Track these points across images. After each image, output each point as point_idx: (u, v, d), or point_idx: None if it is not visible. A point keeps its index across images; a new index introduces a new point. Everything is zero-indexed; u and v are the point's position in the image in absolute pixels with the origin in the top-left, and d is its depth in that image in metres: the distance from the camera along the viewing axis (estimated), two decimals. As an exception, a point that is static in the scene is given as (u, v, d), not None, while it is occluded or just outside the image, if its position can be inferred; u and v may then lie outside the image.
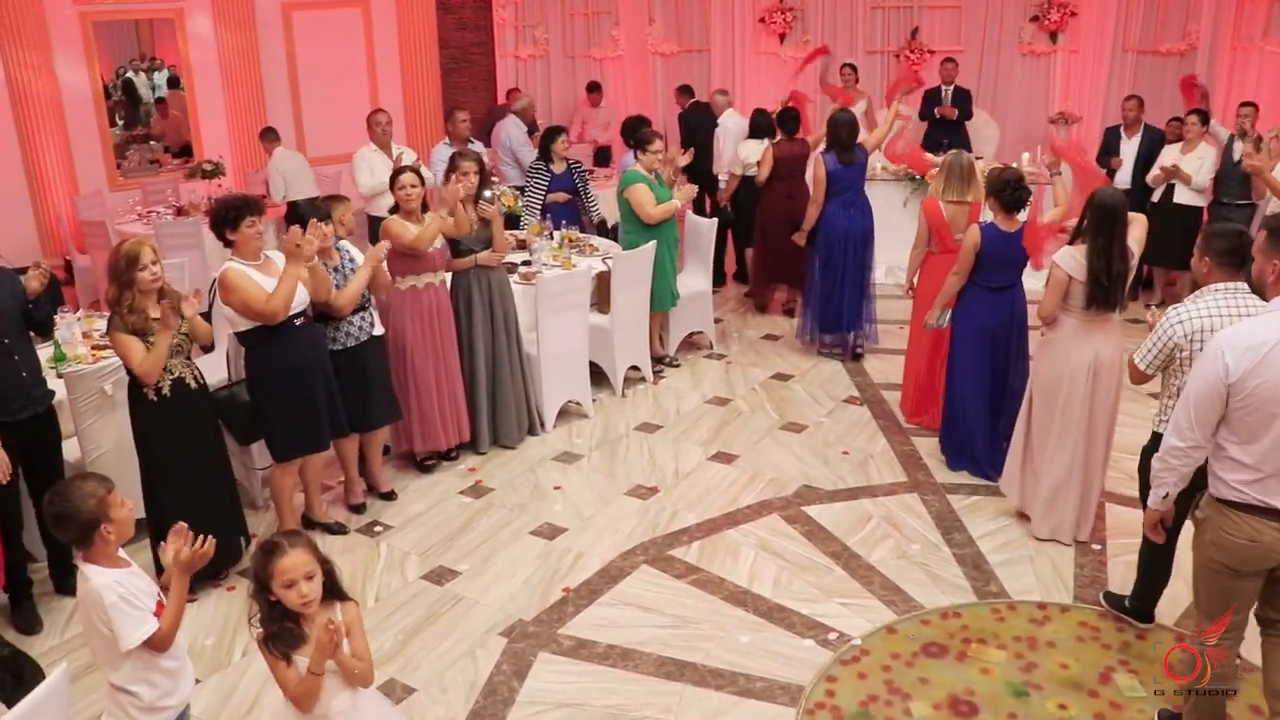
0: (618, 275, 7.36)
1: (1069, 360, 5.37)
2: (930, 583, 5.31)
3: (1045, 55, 12.99)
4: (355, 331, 5.85)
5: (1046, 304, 5.36)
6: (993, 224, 6.07)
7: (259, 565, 3.12)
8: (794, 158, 9.08)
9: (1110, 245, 5.12)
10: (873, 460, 6.63)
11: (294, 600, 3.09)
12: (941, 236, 6.81)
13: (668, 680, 4.59)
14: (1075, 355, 5.35)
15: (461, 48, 14.06)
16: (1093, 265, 5.15)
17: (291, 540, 3.13)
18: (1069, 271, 5.22)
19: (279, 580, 3.08)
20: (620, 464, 6.66)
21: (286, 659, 3.12)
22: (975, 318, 6.19)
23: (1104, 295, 5.18)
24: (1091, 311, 5.25)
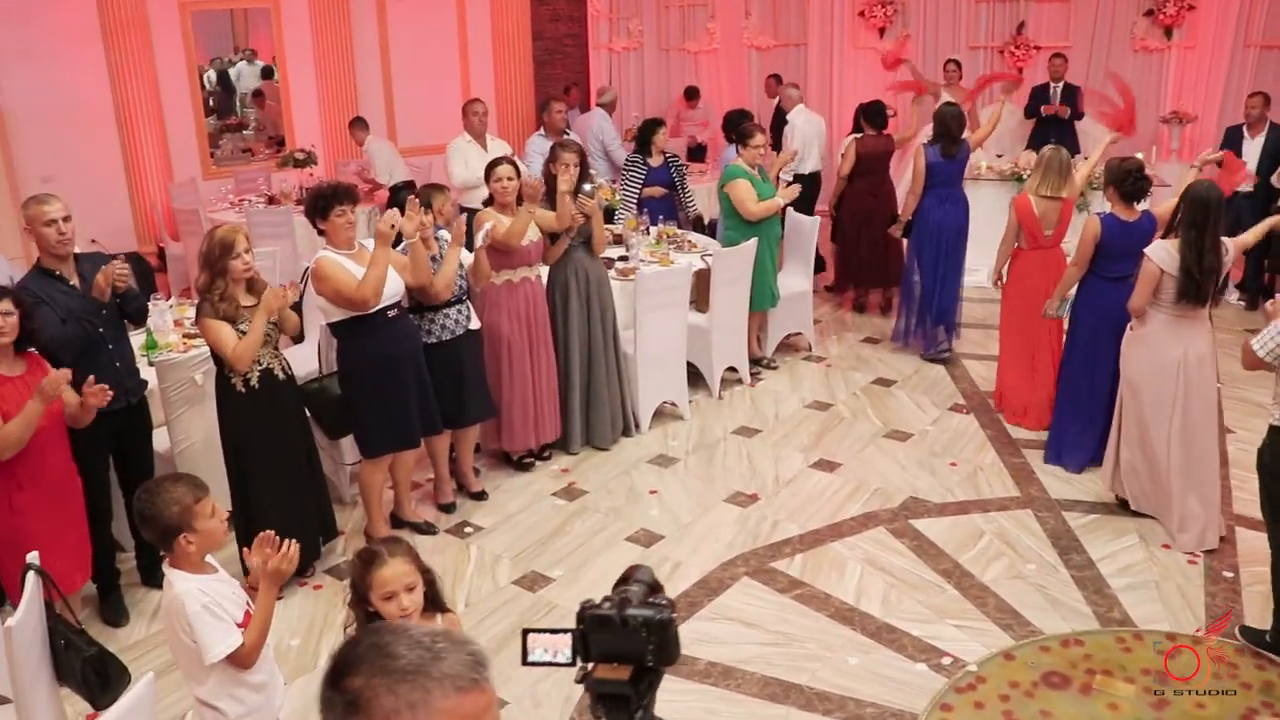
0: (717, 272, 7.12)
1: (1159, 356, 5.36)
2: (1049, 606, 4.99)
3: (1159, 51, 12.46)
4: (451, 325, 5.69)
5: (1137, 297, 5.35)
6: (1112, 214, 5.97)
7: (357, 574, 2.95)
8: (878, 153, 8.92)
9: (1202, 239, 5.11)
10: (982, 472, 6.32)
11: (393, 613, 2.91)
12: (1032, 233, 6.71)
13: (772, 702, 4.34)
14: (1165, 351, 5.34)
15: (555, 39, 13.91)
16: (1185, 258, 5.14)
17: (392, 549, 2.95)
18: (1160, 265, 5.21)
19: (378, 592, 2.90)
20: (718, 469, 6.42)
21: None
22: (1094, 308, 6.07)
23: (1195, 289, 5.16)
24: (1182, 306, 5.24)
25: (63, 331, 4.65)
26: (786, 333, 8.27)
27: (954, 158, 7.98)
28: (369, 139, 10.68)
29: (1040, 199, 6.67)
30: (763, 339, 8.09)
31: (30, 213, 4.75)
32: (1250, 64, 11.88)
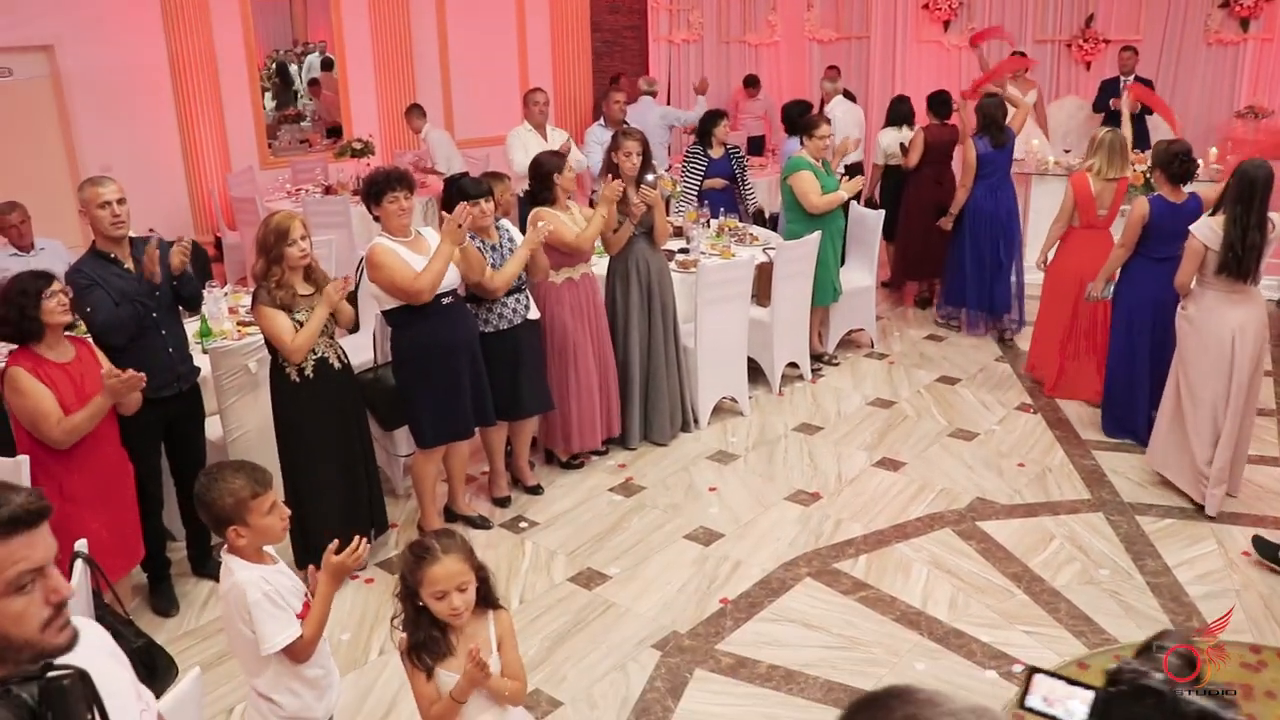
0: (780, 266, 6.96)
1: (1209, 332, 5.45)
2: (1123, 614, 4.79)
3: (1234, 44, 12.11)
4: (508, 314, 5.57)
5: (1182, 274, 5.50)
6: (1160, 196, 6.08)
7: (408, 568, 2.83)
8: (944, 143, 8.89)
9: (1248, 215, 5.21)
10: (1051, 474, 6.11)
11: (443, 611, 2.80)
12: (1086, 211, 6.86)
13: (836, 708, 4.16)
14: (1215, 327, 5.43)
15: (614, 30, 13.80)
16: (1229, 233, 5.24)
17: (445, 545, 2.83)
18: (1204, 241, 5.33)
19: (429, 589, 2.78)
20: (779, 466, 6.26)
21: (428, 671, 2.83)
22: (1140, 288, 6.22)
23: (1236, 264, 5.26)
24: (1228, 281, 5.33)
25: (115, 315, 4.60)
26: (849, 328, 8.09)
27: (1003, 147, 8.20)
28: (426, 127, 10.63)
29: (1099, 180, 6.80)
30: (824, 335, 7.92)
31: (85, 195, 4.70)
32: (1331, 56, 11.54)
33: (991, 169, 8.19)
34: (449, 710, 2.83)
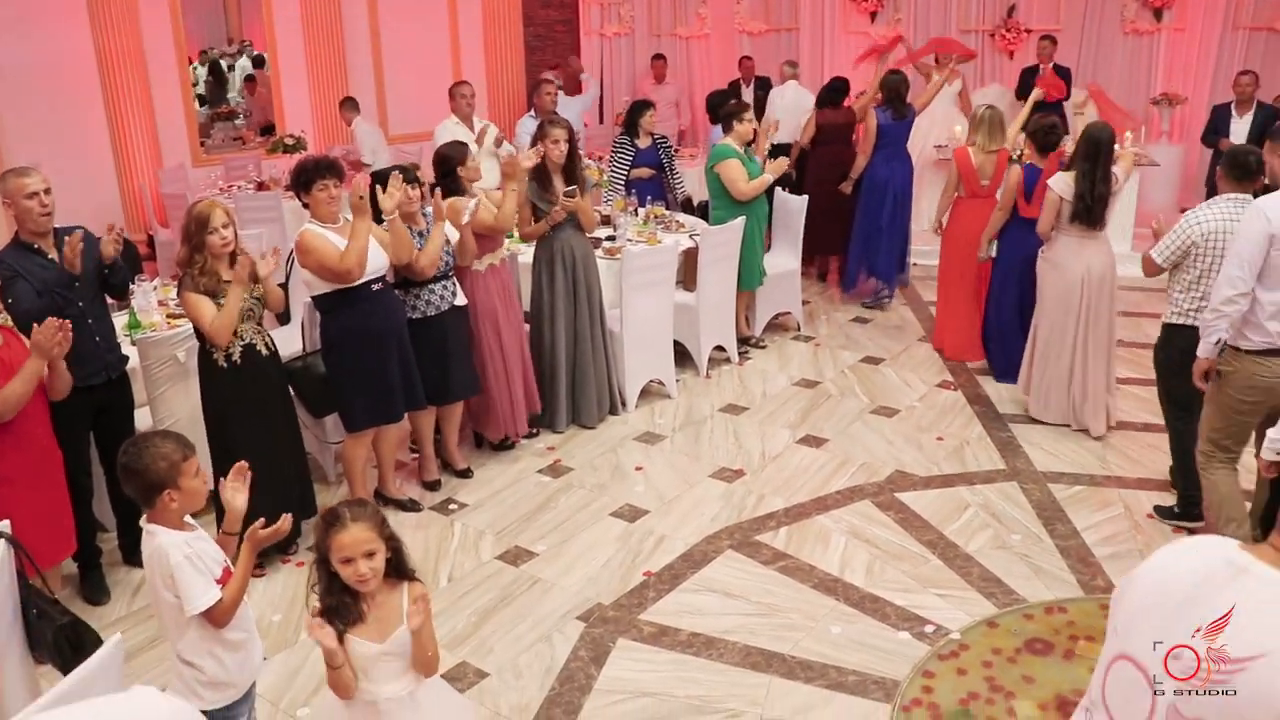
0: (705, 251, 7.10)
1: (1068, 272, 6.26)
2: (1033, 575, 4.98)
3: (1149, 34, 12.46)
4: (436, 300, 5.66)
5: (1043, 222, 6.30)
6: (1031, 165, 6.82)
7: (320, 534, 2.91)
8: (838, 125, 9.30)
9: (1095, 170, 6.02)
10: (969, 446, 6.31)
11: (350, 577, 2.88)
12: (970, 182, 7.44)
13: (754, 671, 4.32)
14: (1073, 268, 6.25)
15: (546, 25, 13.89)
16: (1079, 186, 6.06)
17: (354, 513, 2.90)
18: (1060, 193, 6.15)
19: (336, 555, 2.87)
20: (704, 446, 6.40)
21: (340, 637, 2.92)
22: (1017, 247, 6.89)
23: (1087, 212, 6.10)
24: (1082, 229, 6.16)
25: (38, 305, 4.61)
26: (775, 312, 8.26)
27: (903, 120, 8.88)
28: (357, 120, 10.68)
29: (979, 152, 7.39)
30: (751, 318, 8.07)
31: (9, 186, 4.70)
32: (1239, 45, 11.92)
33: (889, 140, 8.82)
34: (335, 680, 2.90)
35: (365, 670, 2.93)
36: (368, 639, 2.91)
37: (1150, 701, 1.87)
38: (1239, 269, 4.47)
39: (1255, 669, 1.73)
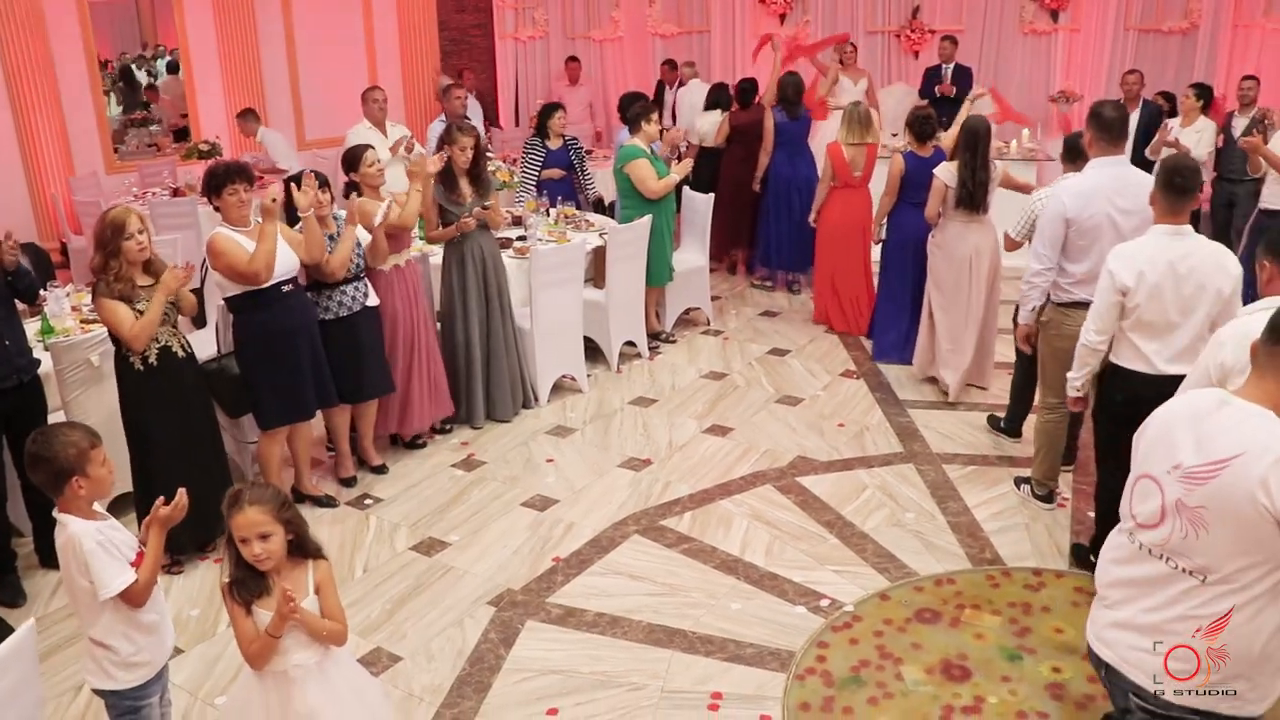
0: (613, 249, 7.30)
1: (956, 252, 6.84)
2: (925, 550, 5.25)
3: (1047, 34, 12.92)
4: (348, 301, 5.78)
5: (930, 207, 6.87)
6: (912, 152, 7.39)
7: (225, 513, 3.08)
8: (749, 124, 9.58)
9: (975, 159, 6.60)
10: (869, 432, 6.57)
11: (247, 556, 3.06)
12: (842, 173, 8.07)
13: (656, 647, 4.53)
14: (960, 248, 6.82)
15: (461, 29, 13.99)
16: (962, 174, 6.64)
17: (252, 495, 3.06)
18: (945, 181, 6.73)
19: (234, 534, 3.05)
20: (614, 437, 6.60)
21: (246, 607, 3.08)
22: (903, 229, 7.45)
23: (969, 198, 6.67)
24: (966, 213, 6.72)
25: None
26: (685, 307, 8.49)
27: (797, 119, 9.35)
28: (262, 130, 10.71)
29: (849, 146, 8.01)
30: (661, 314, 8.29)
31: None
32: (1130, 45, 12.42)
33: (788, 138, 9.31)
34: (267, 646, 3.07)
35: None
36: (273, 611, 3.07)
37: (1160, 499, 2.84)
38: (1043, 247, 5.19)
39: (1235, 464, 2.66)
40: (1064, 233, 5.14)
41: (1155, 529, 2.87)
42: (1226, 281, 4.34)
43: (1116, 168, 5.18)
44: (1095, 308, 4.56)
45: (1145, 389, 4.31)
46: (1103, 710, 4.12)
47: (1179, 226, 4.38)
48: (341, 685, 3.23)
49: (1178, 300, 4.37)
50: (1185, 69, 12.09)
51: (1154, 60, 12.31)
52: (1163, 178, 4.40)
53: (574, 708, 4.17)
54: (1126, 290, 4.40)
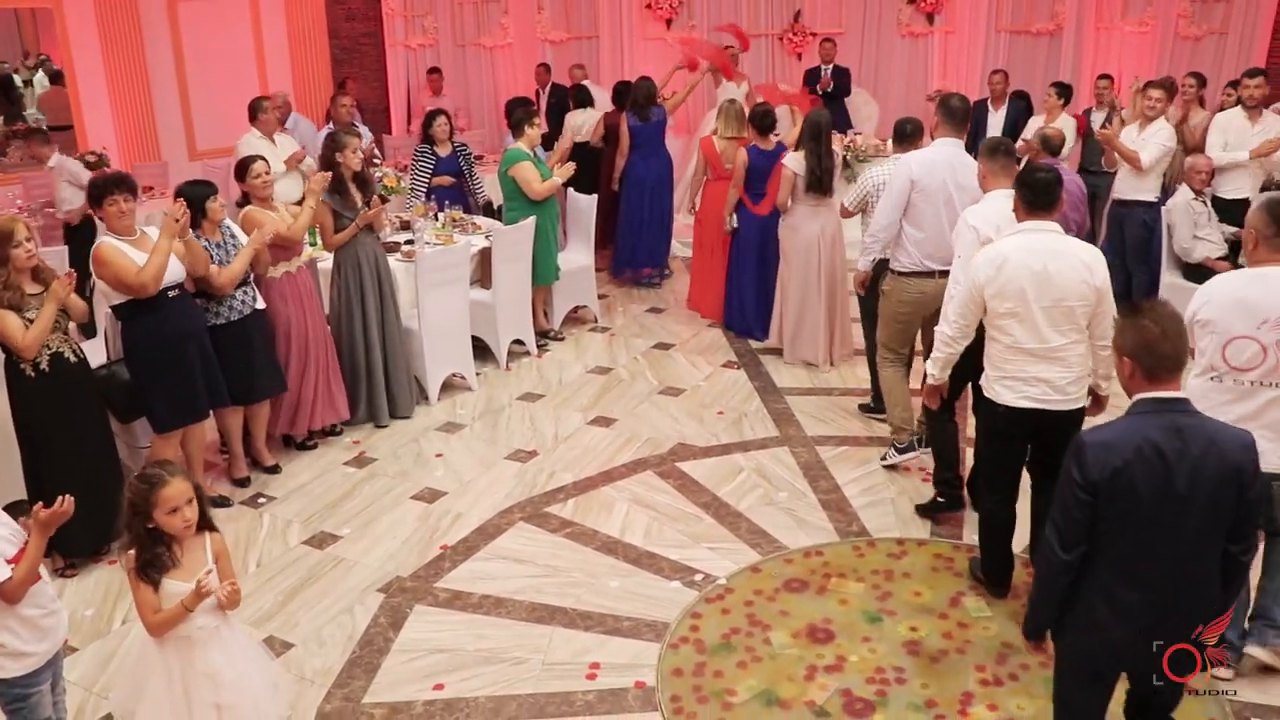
0: (498, 250, 7.52)
1: (805, 234, 7.55)
2: (795, 526, 5.56)
3: (923, 36, 13.42)
4: (238, 305, 5.91)
5: (780, 195, 7.55)
6: (755, 146, 8.04)
7: (140, 495, 3.30)
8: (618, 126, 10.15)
9: (819, 148, 7.30)
10: (746, 418, 6.88)
11: (178, 525, 3.31)
12: (715, 166, 8.54)
13: (539, 624, 4.77)
14: (809, 231, 7.54)
15: (351, 38, 14.05)
16: (809, 162, 7.32)
17: (170, 470, 3.34)
18: (794, 170, 7.42)
19: (164, 507, 3.28)
20: (501, 431, 6.82)
21: (155, 584, 3.29)
22: (750, 220, 8.14)
23: (818, 183, 7.37)
24: (814, 198, 7.44)
25: None
26: (572, 306, 8.74)
27: (649, 121, 9.80)
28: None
29: (721, 140, 8.49)
30: (549, 313, 8.52)
31: None
32: (1003, 47, 12.95)
33: (642, 140, 9.79)
34: (178, 617, 3.33)
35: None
36: (181, 580, 3.33)
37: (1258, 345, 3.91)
38: (889, 206, 5.88)
39: None
40: (909, 193, 5.78)
41: (1259, 368, 3.92)
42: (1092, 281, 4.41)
43: (955, 149, 5.86)
44: (956, 303, 4.68)
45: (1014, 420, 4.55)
46: (954, 664, 4.49)
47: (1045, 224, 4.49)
48: (236, 647, 3.53)
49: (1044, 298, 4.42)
50: (1053, 68, 12.66)
51: (1024, 60, 12.88)
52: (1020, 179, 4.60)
53: (459, 682, 4.40)
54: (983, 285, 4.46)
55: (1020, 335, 4.40)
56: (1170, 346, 3.04)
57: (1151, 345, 3.04)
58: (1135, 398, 3.12)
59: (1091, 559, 3.13)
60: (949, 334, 4.73)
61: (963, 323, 4.63)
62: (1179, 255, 8.11)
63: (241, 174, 6.28)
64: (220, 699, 3.47)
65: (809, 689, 4.34)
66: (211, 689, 3.45)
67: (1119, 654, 3.19)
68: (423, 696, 4.33)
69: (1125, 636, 3.13)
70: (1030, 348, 4.39)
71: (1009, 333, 4.43)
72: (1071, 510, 3.09)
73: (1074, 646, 3.29)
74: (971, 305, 4.53)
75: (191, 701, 3.43)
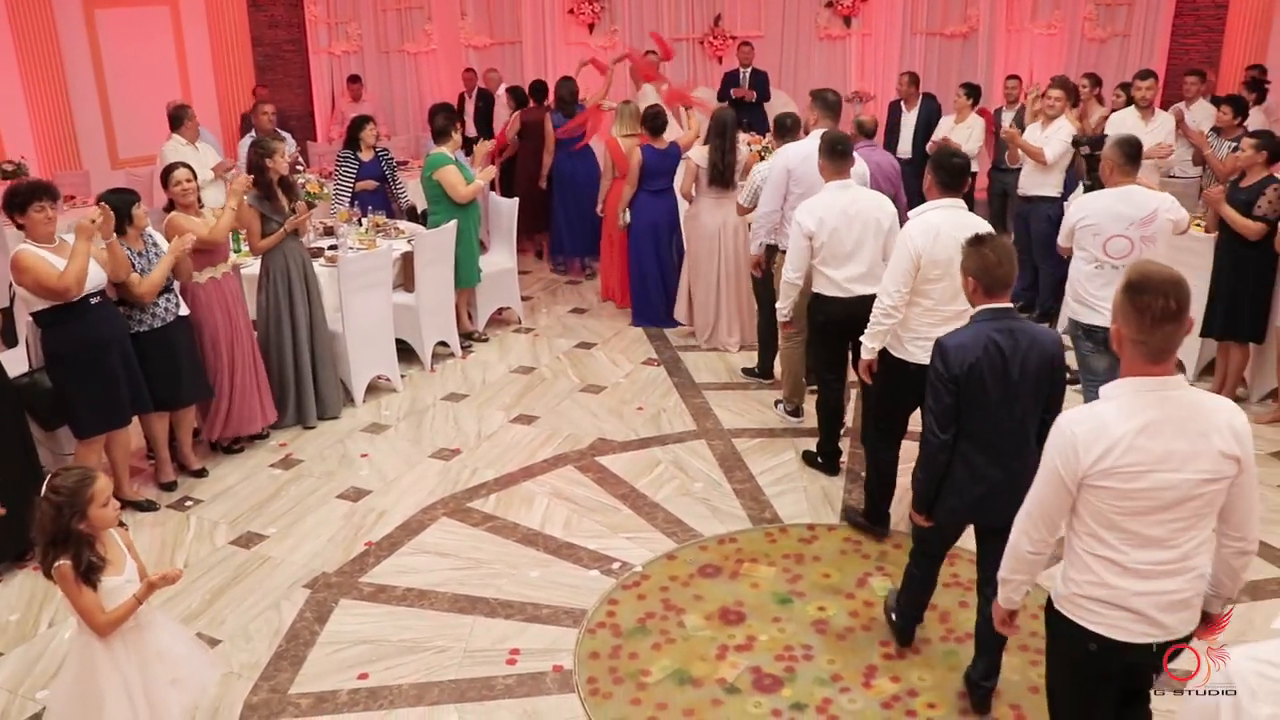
0: (420, 254, 7.64)
1: (709, 225, 8.01)
2: (710, 515, 5.76)
3: (841, 38, 13.71)
4: (160, 313, 5.97)
5: (684, 184, 8.16)
6: (649, 145, 8.48)
7: (72, 496, 3.44)
8: (537, 122, 10.56)
9: (724, 142, 7.75)
10: (665, 414, 7.07)
11: (110, 517, 3.53)
12: (621, 164, 8.87)
13: (461, 614, 4.93)
14: (712, 221, 8.00)
15: (274, 45, 14.06)
16: (712, 157, 7.79)
17: (88, 468, 3.57)
18: (698, 163, 7.93)
19: (99, 500, 3.46)
20: (426, 431, 6.95)
21: (96, 585, 3.45)
22: (644, 213, 8.64)
23: (720, 176, 7.84)
24: (717, 190, 7.90)
25: None
26: (496, 307, 8.88)
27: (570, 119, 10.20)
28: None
29: (624, 138, 8.89)
30: (473, 315, 8.66)
31: None
32: (919, 49, 13.29)
33: (569, 138, 10.15)
34: (130, 609, 3.52)
35: (115, 599, 3.53)
36: (113, 575, 3.52)
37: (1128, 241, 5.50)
38: (771, 194, 6.59)
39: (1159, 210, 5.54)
40: (786, 182, 6.53)
41: (1129, 256, 5.39)
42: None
43: None
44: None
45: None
46: (860, 640, 4.71)
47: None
48: (171, 625, 3.80)
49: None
50: (967, 69, 13.03)
51: (940, 62, 13.25)
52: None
53: (383, 671, 4.55)
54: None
55: (940, 297, 4.90)
56: (1003, 271, 3.86)
57: (990, 269, 3.84)
58: (977, 308, 3.94)
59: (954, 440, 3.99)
60: (888, 304, 5.00)
61: (902, 290, 4.94)
62: (1082, 248, 8.42)
63: (165, 182, 6.34)
64: (176, 673, 3.69)
65: (720, 667, 4.54)
66: (165, 667, 3.65)
67: (975, 509, 4.02)
68: (348, 686, 4.47)
69: (979, 494, 3.94)
70: (945, 310, 4.86)
71: (931, 296, 4.92)
72: (942, 398, 3.94)
73: (944, 505, 4.12)
74: (910, 272, 4.91)
75: (150, 688, 3.61)
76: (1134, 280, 2.78)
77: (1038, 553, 3.10)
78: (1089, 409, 2.93)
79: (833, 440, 6.21)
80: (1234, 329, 6.81)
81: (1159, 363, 2.81)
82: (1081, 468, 2.85)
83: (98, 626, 3.48)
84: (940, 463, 4.02)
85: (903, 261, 4.91)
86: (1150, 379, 2.81)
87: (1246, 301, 6.72)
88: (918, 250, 4.83)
